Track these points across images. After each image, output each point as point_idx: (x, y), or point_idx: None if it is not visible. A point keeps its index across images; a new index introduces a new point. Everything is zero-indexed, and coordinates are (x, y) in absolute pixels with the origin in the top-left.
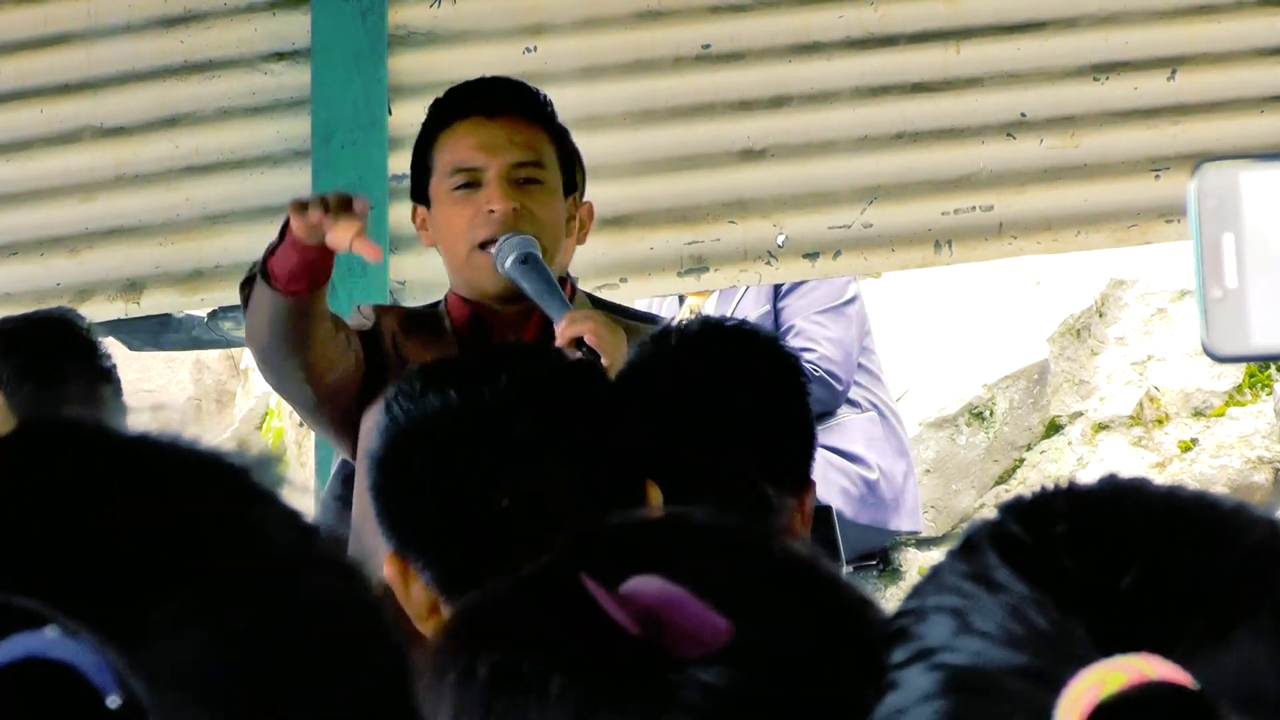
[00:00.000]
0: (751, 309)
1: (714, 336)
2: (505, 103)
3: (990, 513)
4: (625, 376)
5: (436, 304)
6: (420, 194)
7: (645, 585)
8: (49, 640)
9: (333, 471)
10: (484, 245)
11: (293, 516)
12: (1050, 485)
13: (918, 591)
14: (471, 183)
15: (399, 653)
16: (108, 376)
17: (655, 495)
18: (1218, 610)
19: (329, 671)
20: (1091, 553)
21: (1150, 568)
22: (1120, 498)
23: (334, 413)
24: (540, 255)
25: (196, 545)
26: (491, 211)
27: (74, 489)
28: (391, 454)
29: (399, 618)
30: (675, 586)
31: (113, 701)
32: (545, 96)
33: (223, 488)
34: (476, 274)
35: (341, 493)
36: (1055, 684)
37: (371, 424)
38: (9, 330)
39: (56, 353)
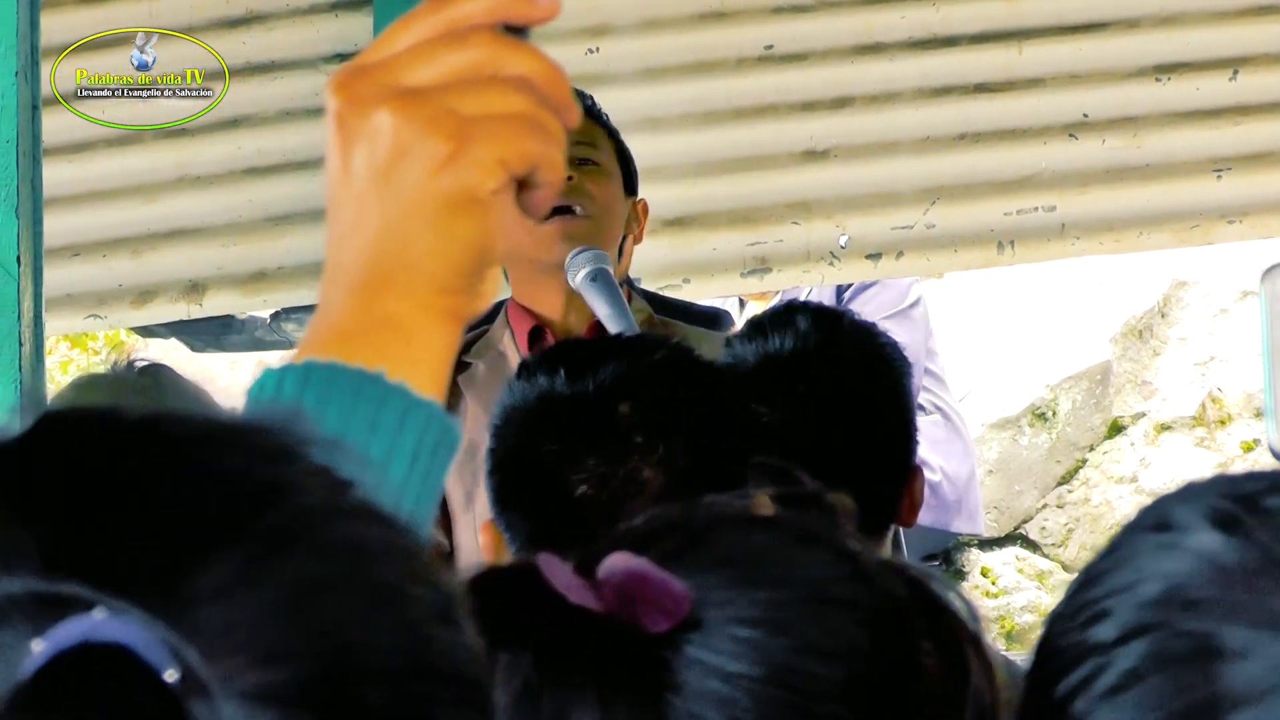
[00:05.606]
0: None
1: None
2: None
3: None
4: (736, 371)
5: (488, 325)
6: None
7: (615, 563)
8: (98, 622)
9: None
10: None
11: (323, 471)
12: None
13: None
14: None
15: (445, 594)
16: None
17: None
18: None
19: (378, 616)
20: None
21: None
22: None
23: None
24: (611, 272)
25: (228, 508)
26: None
27: (100, 470)
28: (500, 424)
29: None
30: (638, 559)
31: (170, 675)
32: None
33: (247, 449)
34: (539, 246)
35: None
36: None
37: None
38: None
39: None
